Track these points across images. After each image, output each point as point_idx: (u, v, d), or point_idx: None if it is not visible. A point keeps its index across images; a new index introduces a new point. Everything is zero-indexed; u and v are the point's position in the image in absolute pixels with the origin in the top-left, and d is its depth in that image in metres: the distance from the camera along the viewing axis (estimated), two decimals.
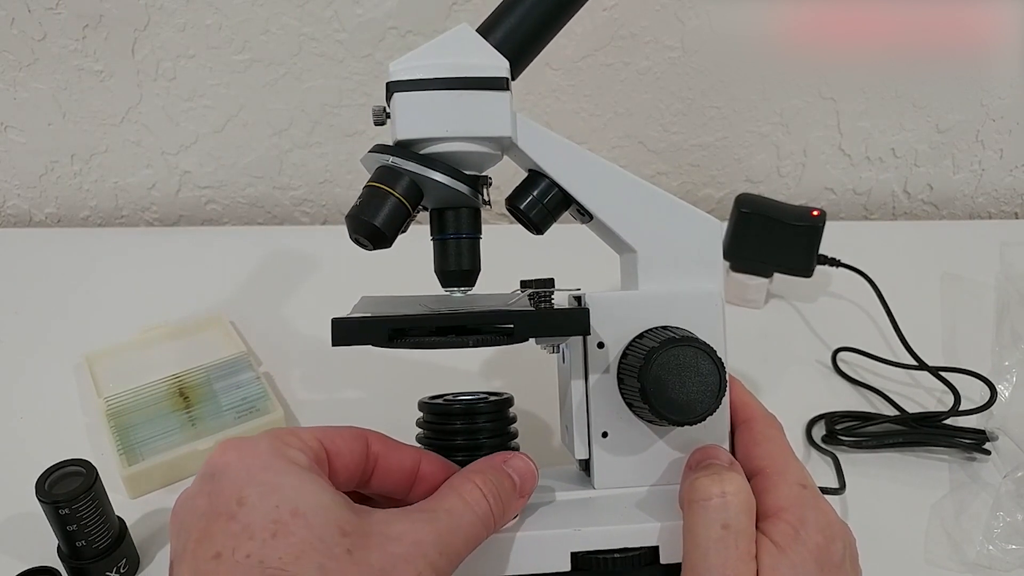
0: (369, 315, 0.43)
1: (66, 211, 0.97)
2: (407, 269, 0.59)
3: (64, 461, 0.51)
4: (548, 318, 0.44)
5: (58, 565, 0.52)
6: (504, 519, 0.42)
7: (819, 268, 0.77)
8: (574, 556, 0.43)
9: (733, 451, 0.47)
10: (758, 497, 0.42)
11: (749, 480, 0.43)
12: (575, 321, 0.44)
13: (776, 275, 0.79)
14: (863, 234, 0.92)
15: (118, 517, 0.54)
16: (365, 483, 0.43)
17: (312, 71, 0.88)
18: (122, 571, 0.53)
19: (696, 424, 0.43)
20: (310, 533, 0.35)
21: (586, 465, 0.49)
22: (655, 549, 0.44)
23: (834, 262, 0.78)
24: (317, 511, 0.35)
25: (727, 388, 0.44)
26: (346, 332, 0.42)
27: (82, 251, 0.87)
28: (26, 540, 0.55)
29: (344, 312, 0.45)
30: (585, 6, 0.48)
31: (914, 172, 0.99)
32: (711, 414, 0.43)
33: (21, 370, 0.71)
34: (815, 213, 0.76)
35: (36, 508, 0.49)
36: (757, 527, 0.41)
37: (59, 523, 0.50)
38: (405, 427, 0.49)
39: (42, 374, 0.71)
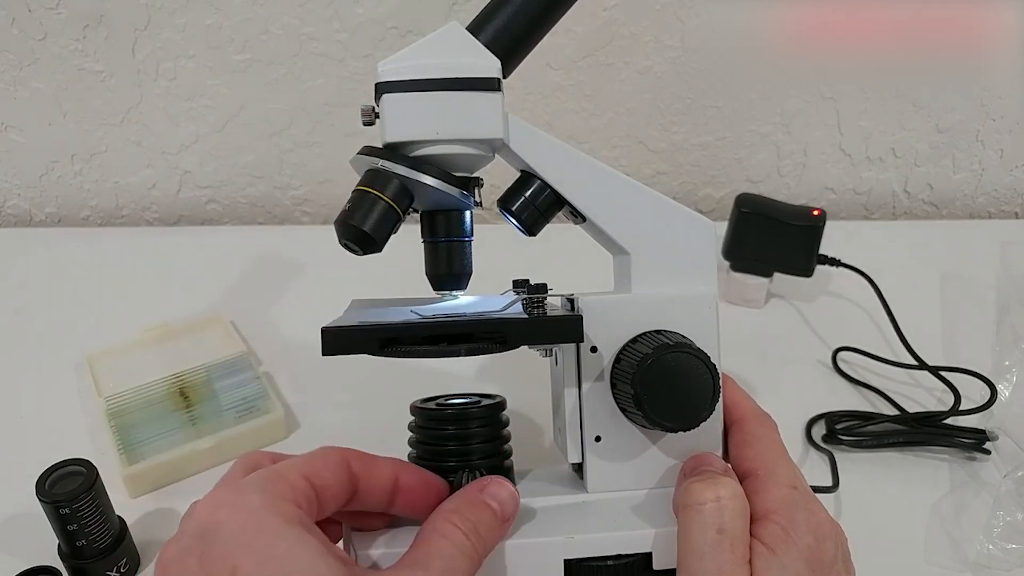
0: (359, 324, 0.43)
1: (66, 211, 0.97)
2: (408, 267, 0.59)
3: (64, 461, 0.51)
4: (540, 326, 0.44)
5: (58, 565, 0.52)
6: (488, 551, 0.41)
7: (819, 268, 0.77)
8: (567, 564, 0.43)
9: (725, 451, 0.47)
10: (749, 499, 0.42)
11: (741, 482, 0.43)
12: (568, 329, 0.43)
13: (776, 275, 0.79)
14: (863, 234, 0.92)
15: (118, 517, 0.54)
16: (347, 504, 0.42)
17: (312, 71, 0.88)
18: (122, 571, 0.53)
19: (689, 430, 0.43)
20: None
21: (579, 468, 0.48)
22: (648, 556, 0.44)
23: (834, 262, 0.78)
24: None
25: (720, 394, 0.43)
26: (336, 342, 0.41)
27: (82, 251, 0.87)
28: (26, 540, 0.55)
29: (342, 312, 0.44)
30: (585, 6, 0.48)
31: (914, 172, 0.99)
32: (704, 420, 0.43)
33: (21, 370, 0.71)
34: (815, 213, 0.76)
35: (36, 508, 0.49)
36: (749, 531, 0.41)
37: (59, 523, 0.50)
38: (404, 425, 0.49)
39: (42, 374, 0.71)
